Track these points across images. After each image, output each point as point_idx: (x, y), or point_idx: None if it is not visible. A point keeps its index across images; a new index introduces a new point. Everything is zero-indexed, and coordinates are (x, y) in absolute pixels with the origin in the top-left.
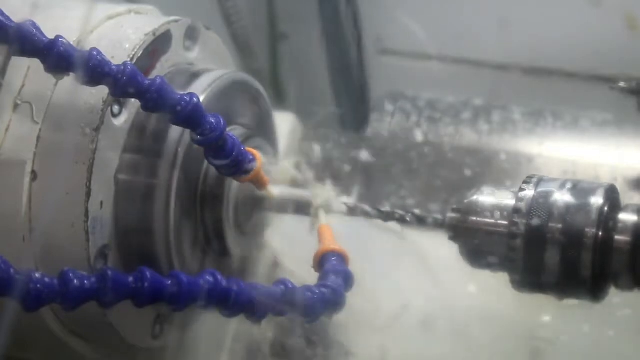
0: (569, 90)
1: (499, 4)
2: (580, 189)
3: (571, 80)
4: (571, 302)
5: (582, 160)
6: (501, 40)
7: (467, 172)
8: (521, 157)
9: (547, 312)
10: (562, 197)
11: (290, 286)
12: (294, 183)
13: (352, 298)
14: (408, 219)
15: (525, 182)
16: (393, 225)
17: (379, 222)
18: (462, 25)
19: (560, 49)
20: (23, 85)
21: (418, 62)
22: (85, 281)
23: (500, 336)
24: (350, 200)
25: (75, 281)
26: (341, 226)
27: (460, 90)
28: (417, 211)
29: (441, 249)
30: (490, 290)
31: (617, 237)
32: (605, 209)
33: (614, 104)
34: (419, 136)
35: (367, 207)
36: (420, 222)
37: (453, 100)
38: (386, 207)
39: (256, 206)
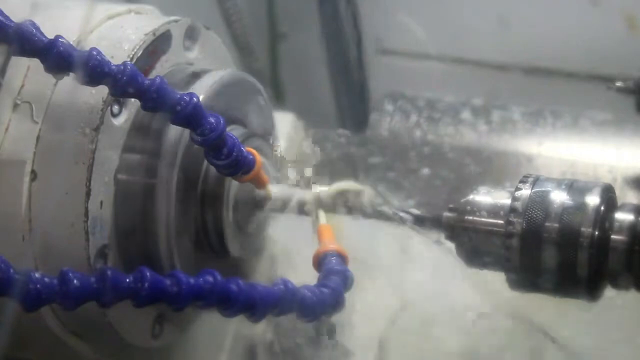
0: (568, 90)
1: (499, 3)
2: (576, 188)
3: (571, 80)
4: (570, 302)
5: (581, 160)
6: (501, 40)
7: (467, 172)
8: (521, 157)
9: (547, 312)
10: (559, 197)
11: (290, 286)
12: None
13: None
14: (405, 218)
15: (521, 181)
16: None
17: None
18: (462, 25)
19: (560, 49)
20: (23, 85)
21: (418, 62)
22: (85, 281)
23: (500, 336)
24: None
25: (75, 281)
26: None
27: (460, 90)
28: (414, 211)
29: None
30: (490, 289)
31: (613, 236)
32: (602, 208)
33: (614, 103)
34: (418, 136)
35: (365, 207)
36: (418, 221)
37: (453, 100)
38: (384, 207)
39: (256, 206)
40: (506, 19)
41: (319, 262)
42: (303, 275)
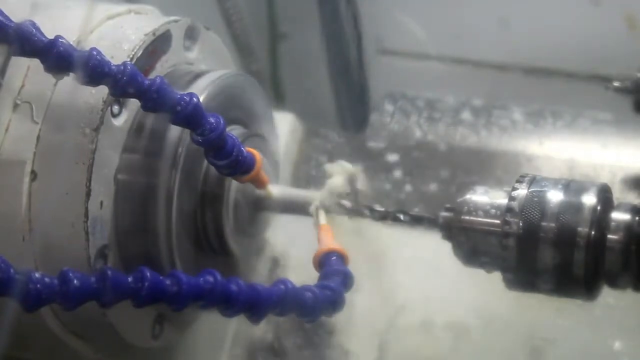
0: (568, 90)
1: (499, 4)
2: (573, 188)
3: (571, 80)
4: (569, 302)
5: (581, 160)
6: (501, 40)
7: (467, 172)
8: (521, 157)
9: (547, 312)
10: (555, 196)
11: (290, 286)
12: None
13: None
14: (402, 218)
15: (518, 181)
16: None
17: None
18: (462, 25)
19: (560, 49)
20: (23, 85)
21: (418, 62)
22: (85, 281)
23: (500, 336)
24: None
25: (75, 281)
26: None
27: (460, 90)
28: (411, 211)
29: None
30: (490, 289)
31: (610, 236)
32: (598, 208)
33: (614, 103)
34: (418, 136)
35: (363, 207)
36: (415, 221)
37: (453, 100)
38: (381, 207)
39: (256, 206)
40: (506, 19)
41: (319, 262)
42: (303, 276)
